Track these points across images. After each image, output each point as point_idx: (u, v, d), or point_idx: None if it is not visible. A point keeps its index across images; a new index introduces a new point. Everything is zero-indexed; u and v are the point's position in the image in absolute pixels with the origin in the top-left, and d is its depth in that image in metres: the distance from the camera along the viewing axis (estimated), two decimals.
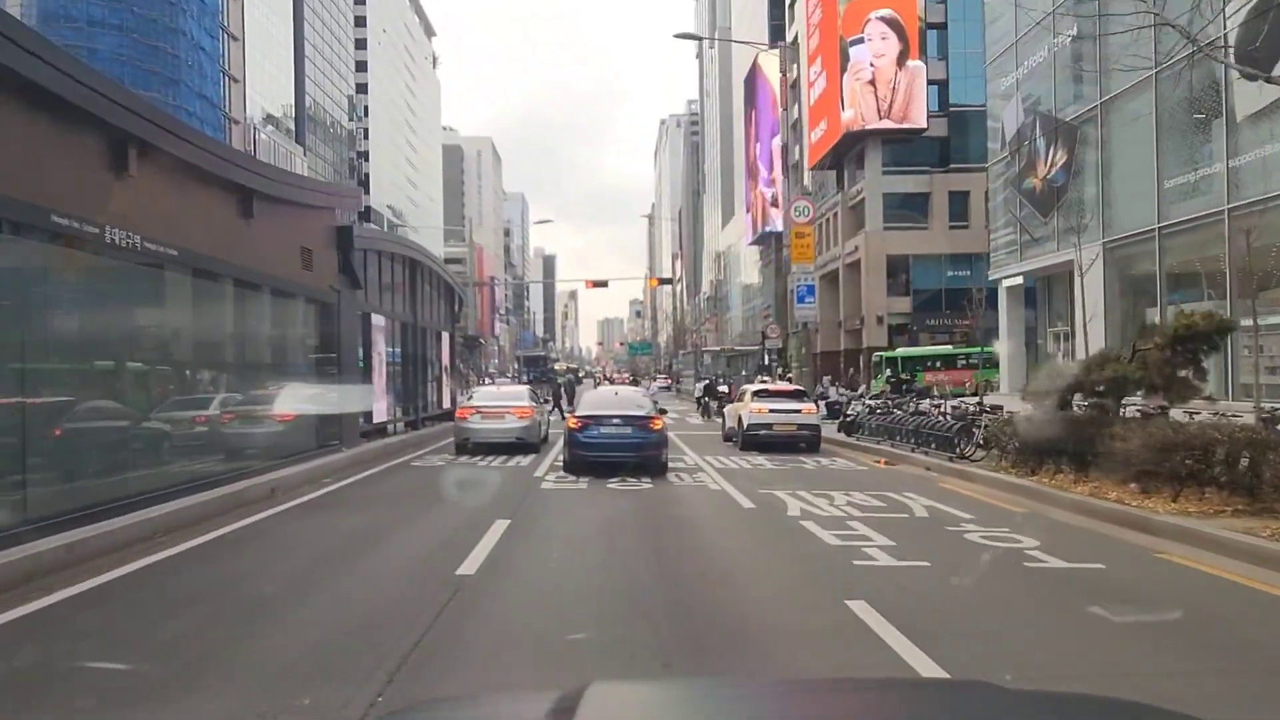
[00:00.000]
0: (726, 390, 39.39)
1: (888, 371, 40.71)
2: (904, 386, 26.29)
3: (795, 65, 69.38)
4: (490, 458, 17.21)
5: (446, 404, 24.45)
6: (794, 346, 28.89)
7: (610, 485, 13.17)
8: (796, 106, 68.64)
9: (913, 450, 16.98)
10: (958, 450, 15.21)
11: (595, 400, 15.74)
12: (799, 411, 20.05)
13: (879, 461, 17.18)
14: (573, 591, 6.85)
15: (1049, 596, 6.74)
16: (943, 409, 17.60)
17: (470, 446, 17.93)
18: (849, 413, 21.79)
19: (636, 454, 14.31)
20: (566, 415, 21.12)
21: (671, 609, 6.29)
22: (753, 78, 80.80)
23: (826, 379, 37.39)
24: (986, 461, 14.86)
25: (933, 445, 16.22)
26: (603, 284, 39.97)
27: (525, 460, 16.71)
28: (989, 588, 7.02)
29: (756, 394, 20.71)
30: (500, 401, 18.20)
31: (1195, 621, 6.06)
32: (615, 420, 14.41)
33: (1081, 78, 29.22)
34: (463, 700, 3.31)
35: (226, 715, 4.37)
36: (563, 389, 31.24)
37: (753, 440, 19.80)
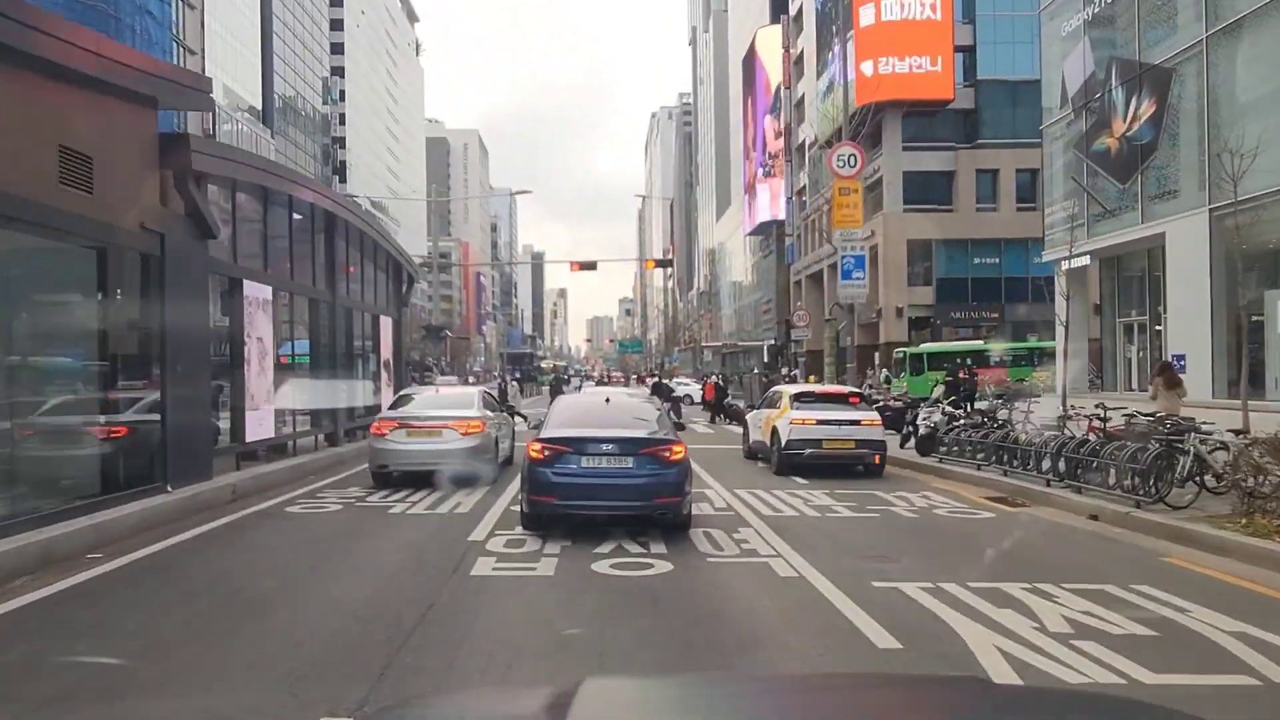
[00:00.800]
0: (731, 391, 33.99)
1: (921, 370, 35.43)
2: (963, 388, 20.51)
3: (799, 40, 64.20)
4: (418, 493, 11.46)
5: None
6: (827, 337, 23.22)
7: (598, 566, 7.34)
8: (800, 84, 63.55)
9: (1050, 484, 11.32)
10: (1152, 490, 9.51)
11: (573, 412, 9.70)
12: (858, 423, 14.39)
13: (995, 499, 11.52)
14: None
15: None
16: (1094, 421, 11.86)
17: (394, 476, 12.17)
18: (921, 423, 16.11)
19: (643, 505, 8.55)
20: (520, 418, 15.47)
21: None
22: (751, 58, 75.46)
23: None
24: (1198, 508, 9.24)
25: (1094, 480, 10.55)
26: (590, 266, 34.37)
27: (467, 502, 10.90)
28: None
29: (799, 398, 15.00)
30: (436, 411, 12.34)
31: None
32: (606, 446, 8.53)
33: (1176, 8, 23.77)
34: (457, 695, 3.28)
35: None
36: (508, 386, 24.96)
37: (793, 461, 14.22)
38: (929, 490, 12.53)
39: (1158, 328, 26.08)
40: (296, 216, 14.32)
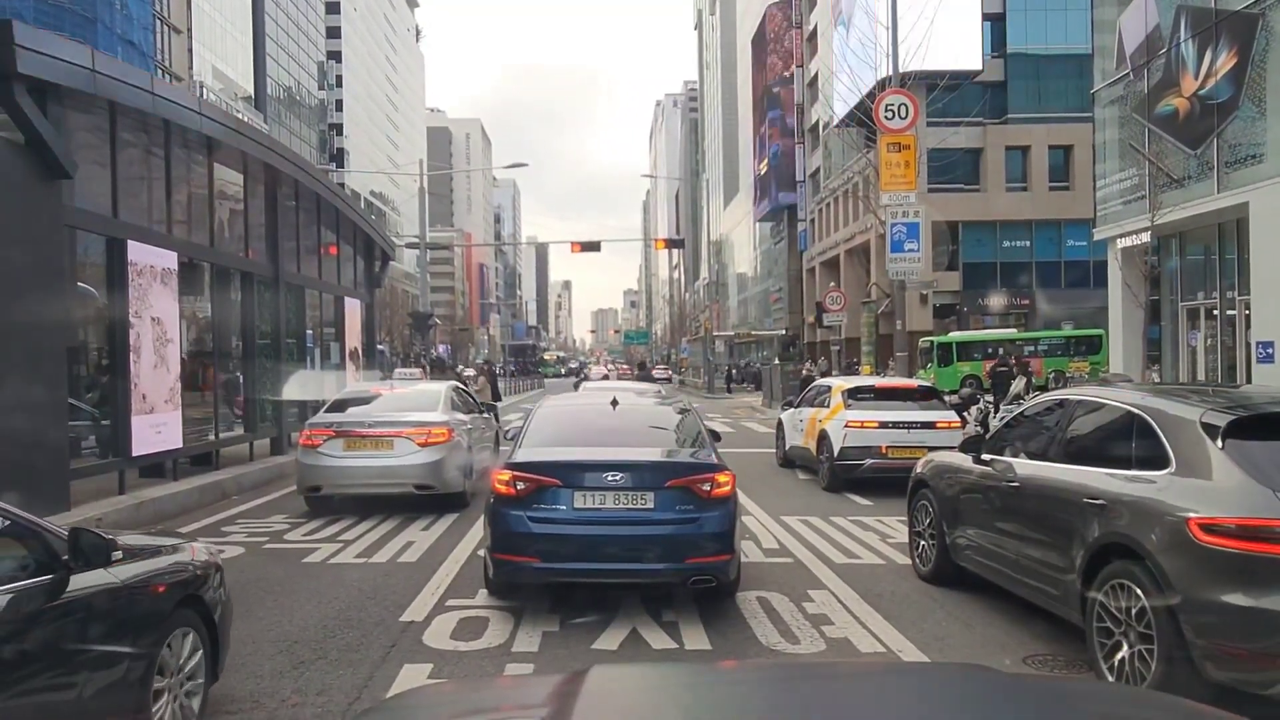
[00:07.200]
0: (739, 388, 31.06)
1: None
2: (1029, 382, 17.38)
3: (811, 16, 61.22)
4: (357, 526, 8.55)
5: None
6: (865, 323, 20.22)
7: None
8: (813, 61, 60.58)
9: None
10: None
11: (562, 422, 6.65)
12: (933, 426, 11.40)
13: None
14: None
15: None
16: None
17: (334, 501, 9.23)
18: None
19: (671, 569, 5.52)
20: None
21: None
22: (761, 37, 72.48)
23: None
24: None
25: None
26: (594, 246, 31.43)
27: (421, 541, 7.97)
28: None
29: (854, 394, 12.02)
30: (386, 415, 9.38)
31: None
32: (613, 476, 5.52)
33: None
34: (468, 683, 3.29)
35: None
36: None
37: (850, 472, 11.31)
38: None
39: (1230, 312, 23.19)
40: (221, 167, 11.36)
